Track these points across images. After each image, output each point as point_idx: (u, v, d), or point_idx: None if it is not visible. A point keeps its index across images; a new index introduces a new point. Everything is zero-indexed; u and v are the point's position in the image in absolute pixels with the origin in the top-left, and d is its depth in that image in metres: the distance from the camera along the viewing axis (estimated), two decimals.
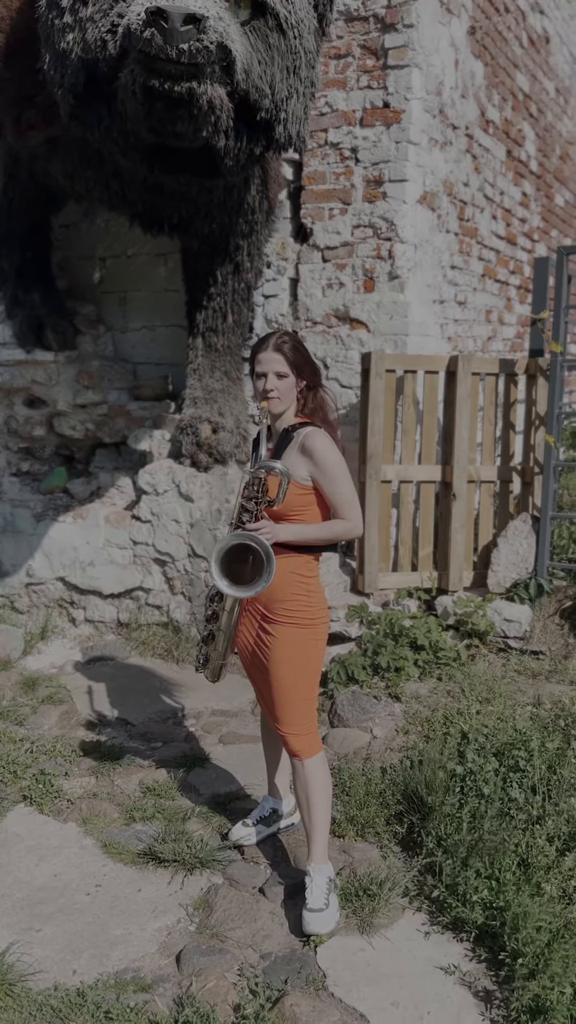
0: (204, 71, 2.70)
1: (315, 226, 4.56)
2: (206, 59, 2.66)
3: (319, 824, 2.54)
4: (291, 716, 2.56)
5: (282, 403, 2.53)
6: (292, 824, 2.94)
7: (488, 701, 3.71)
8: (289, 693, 2.56)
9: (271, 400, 2.50)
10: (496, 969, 2.28)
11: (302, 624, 2.53)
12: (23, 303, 4.80)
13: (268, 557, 2.33)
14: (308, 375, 2.54)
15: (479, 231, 5.31)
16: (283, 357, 2.49)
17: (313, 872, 2.50)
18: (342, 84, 4.41)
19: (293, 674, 2.55)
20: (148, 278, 5.17)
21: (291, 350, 2.50)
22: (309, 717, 2.57)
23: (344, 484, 2.50)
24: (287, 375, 2.49)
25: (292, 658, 2.55)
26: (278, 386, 2.49)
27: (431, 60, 4.36)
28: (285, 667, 2.55)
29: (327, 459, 2.47)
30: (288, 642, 2.55)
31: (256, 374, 2.53)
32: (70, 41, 2.97)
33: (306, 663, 2.57)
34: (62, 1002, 2.18)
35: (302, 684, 2.56)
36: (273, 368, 2.48)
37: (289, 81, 3.12)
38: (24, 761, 3.43)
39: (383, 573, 4.34)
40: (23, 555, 4.98)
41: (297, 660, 2.55)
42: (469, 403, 4.28)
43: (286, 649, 2.55)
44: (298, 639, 2.55)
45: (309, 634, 2.55)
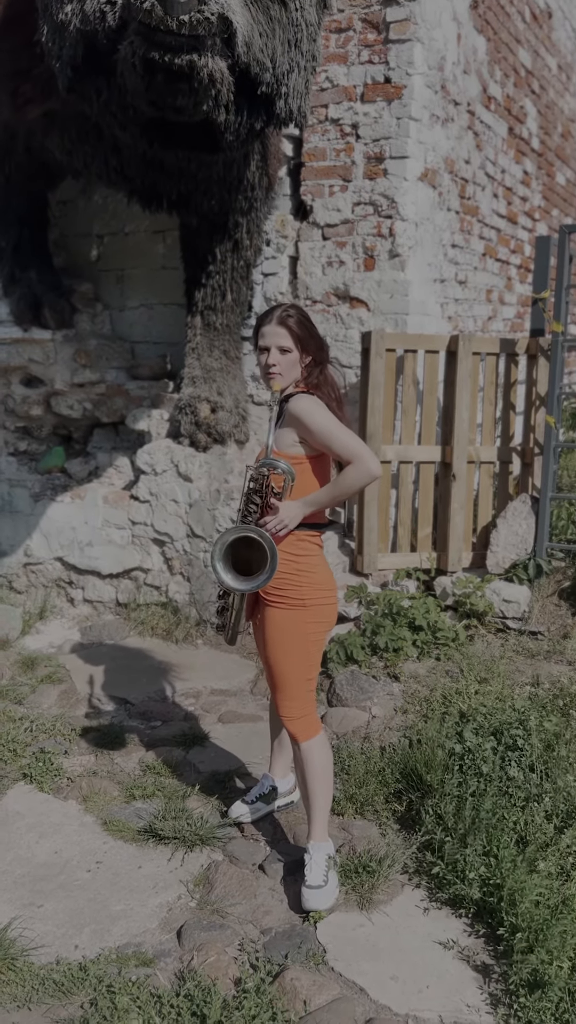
0: (205, 43, 2.66)
1: (315, 203, 4.52)
2: (207, 31, 2.61)
3: (318, 803, 2.54)
4: (286, 698, 2.53)
5: (284, 379, 2.44)
6: (292, 802, 2.95)
7: (486, 681, 3.72)
8: (282, 675, 2.52)
9: (272, 376, 2.43)
10: (494, 944, 2.30)
11: (291, 605, 2.46)
12: (20, 281, 4.76)
13: (272, 553, 2.29)
14: (313, 350, 2.46)
15: (480, 209, 5.27)
16: (287, 331, 2.41)
17: (312, 849, 2.51)
18: (343, 58, 4.36)
19: (284, 656, 2.50)
20: (146, 256, 5.13)
21: (296, 324, 2.42)
22: (305, 700, 2.54)
23: (339, 434, 2.38)
24: (290, 350, 2.41)
25: (281, 640, 2.49)
26: (280, 361, 2.41)
27: (433, 34, 4.31)
28: (275, 649, 2.51)
29: (312, 417, 2.38)
30: (276, 623, 2.49)
31: (259, 348, 2.46)
32: (68, 12, 2.92)
33: (296, 646, 2.49)
34: (64, 976, 2.20)
35: (293, 667, 2.50)
36: (276, 343, 2.41)
37: (290, 55, 3.08)
38: (24, 740, 3.43)
39: (382, 554, 4.34)
40: (21, 535, 4.97)
41: (286, 642, 2.49)
42: (469, 383, 4.27)
43: (274, 631, 2.49)
44: (287, 620, 2.48)
45: (298, 615, 2.47)
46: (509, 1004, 2.09)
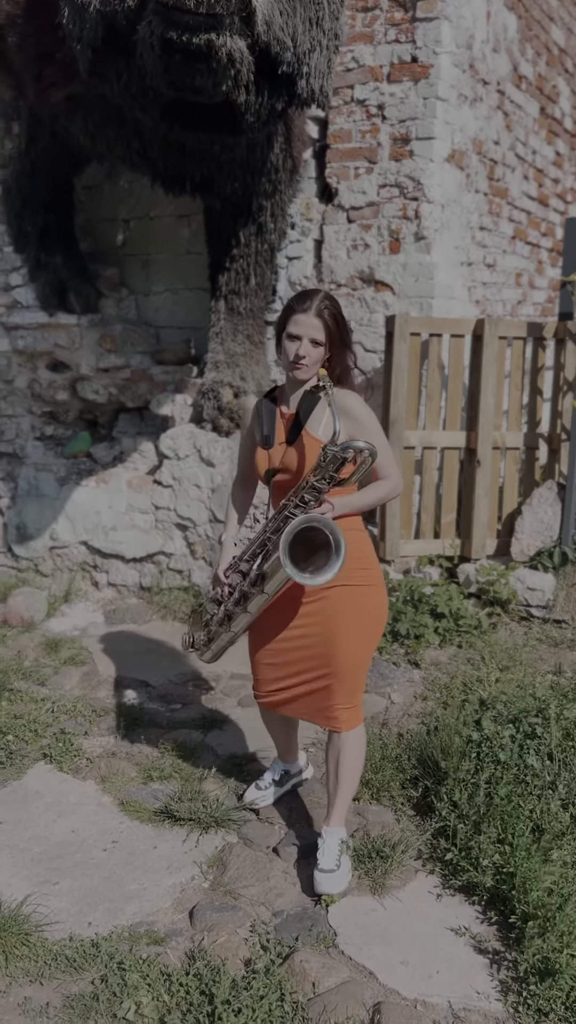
0: (223, 22, 2.64)
1: (340, 186, 4.48)
2: (225, 9, 2.59)
3: (346, 792, 2.54)
4: (350, 685, 2.48)
5: (309, 371, 2.37)
6: (304, 780, 2.96)
7: (508, 669, 3.69)
8: (355, 660, 2.47)
9: (300, 367, 2.34)
10: (506, 932, 2.28)
11: (380, 589, 2.51)
12: (45, 266, 4.78)
13: (338, 545, 2.23)
14: (340, 348, 2.38)
15: (510, 191, 5.18)
16: (323, 325, 2.31)
17: (326, 834, 2.51)
18: (369, 38, 4.30)
19: (366, 644, 2.49)
20: (171, 240, 5.12)
21: (332, 318, 2.32)
22: (362, 687, 2.55)
23: (384, 442, 2.39)
24: (322, 344, 2.32)
25: (371, 627, 2.49)
26: (311, 354, 2.32)
27: (461, 12, 4.24)
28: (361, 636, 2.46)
29: (365, 416, 2.37)
30: (372, 609, 2.48)
31: (289, 335, 2.33)
32: None
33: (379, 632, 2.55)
34: (77, 952, 2.22)
35: (367, 653, 2.52)
36: (310, 334, 2.31)
37: (312, 33, 3.04)
38: (45, 720, 3.47)
39: (404, 540, 4.31)
40: (47, 519, 5.01)
41: (376, 628, 2.52)
42: (495, 368, 4.21)
43: (368, 617, 2.47)
44: (381, 605, 2.53)
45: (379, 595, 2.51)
46: (519, 991, 2.07)
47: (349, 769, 2.51)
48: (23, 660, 4.06)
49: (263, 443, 2.45)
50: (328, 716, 2.50)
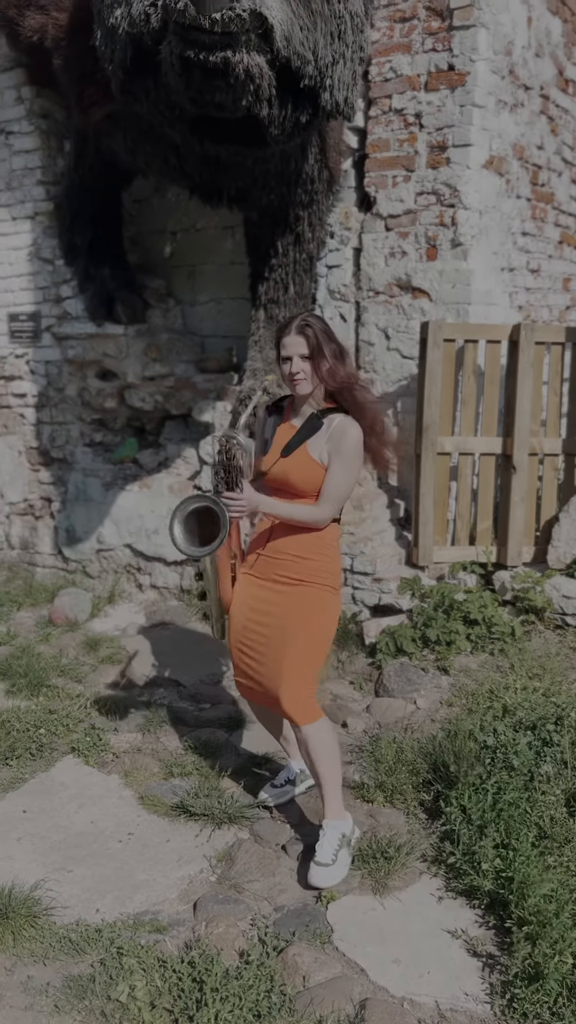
0: (239, 40, 2.72)
1: (378, 194, 4.51)
2: (240, 27, 2.67)
3: (327, 782, 2.59)
4: (295, 681, 2.57)
5: (308, 384, 2.54)
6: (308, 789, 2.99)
7: (538, 676, 3.65)
8: (300, 655, 2.57)
9: (297, 383, 2.53)
10: (503, 936, 2.28)
11: (331, 588, 2.62)
12: (94, 278, 4.95)
13: (224, 519, 2.41)
14: (325, 356, 2.51)
15: (556, 196, 5.13)
16: (305, 339, 2.49)
17: (326, 827, 2.55)
18: (407, 48, 4.33)
19: (314, 639, 2.60)
20: (216, 251, 5.24)
21: (314, 333, 2.50)
22: (312, 683, 2.61)
23: (345, 480, 2.52)
24: (309, 357, 2.50)
25: (319, 621, 2.60)
26: (303, 368, 2.50)
27: (499, 19, 4.23)
28: (309, 630, 2.58)
29: (350, 450, 2.51)
30: (319, 605, 2.60)
31: (282, 358, 2.55)
32: (118, 16, 3.03)
33: (329, 628, 2.65)
34: (80, 936, 2.31)
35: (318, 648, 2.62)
36: (297, 351, 2.50)
37: (334, 46, 3.10)
38: (77, 715, 3.59)
39: (439, 547, 4.30)
40: (94, 522, 5.17)
41: (325, 624, 2.62)
42: (532, 373, 4.18)
43: (317, 612, 2.59)
44: (329, 602, 2.62)
45: (334, 599, 2.62)
46: (506, 995, 2.07)
47: (319, 760, 2.57)
48: (63, 658, 4.21)
49: (262, 449, 2.64)
50: (281, 710, 2.60)
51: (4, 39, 4.81)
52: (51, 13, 4.06)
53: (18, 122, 5.13)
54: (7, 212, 5.32)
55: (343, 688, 3.87)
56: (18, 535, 5.62)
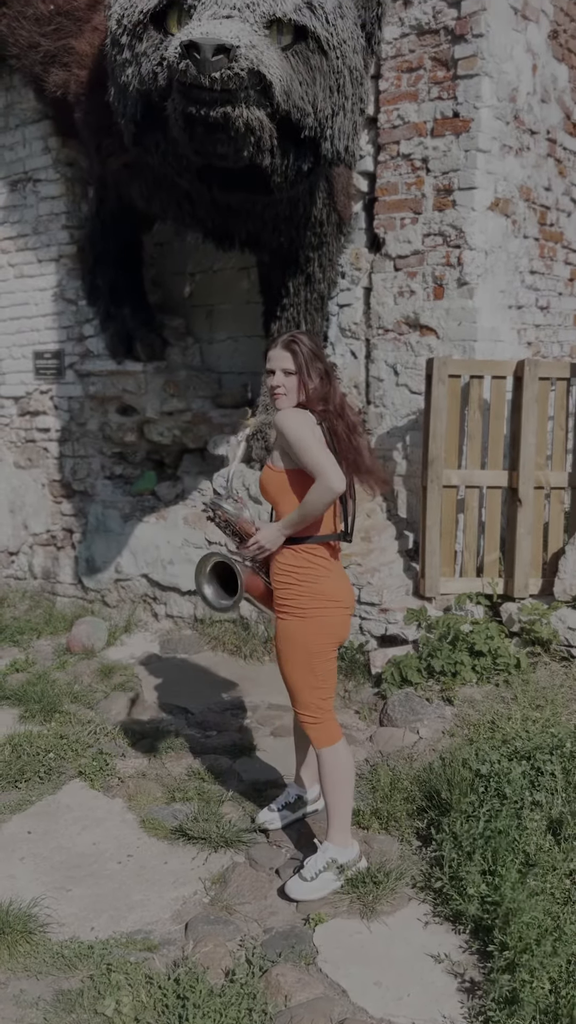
0: (238, 96, 2.87)
1: (387, 236, 4.65)
2: (238, 85, 2.83)
3: (336, 808, 2.66)
4: (299, 705, 2.69)
5: (288, 399, 2.60)
6: (316, 810, 3.04)
7: (540, 708, 3.68)
8: (290, 684, 2.68)
9: (278, 397, 2.61)
10: (486, 961, 2.31)
11: (291, 615, 2.61)
12: (114, 317, 5.13)
13: (239, 577, 2.59)
14: (316, 375, 2.57)
15: (564, 235, 5.23)
16: (291, 355, 2.57)
17: (320, 848, 2.62)
18: (414, 96, 4.49)
19: (287, 666, 2.66)
20: (233, 291, 5.41)
21: (299, 349, 2.56)
22: (318, 707, 2.65)
23: (310, 446, 2.47)
24: (293, 372, 2.57)
25: (284, 649, 2.65)
26: (285, 383, 2.58)
27: (503, 68, 4.37)
28: (280, 659, 2.68)
29: (289, 429, 2.50)
30: (280, 634, 2.66)
31: (266, 372, 2.64)
32: (129, 75, 3.23)
33: (298, 655, 2.62)
34: (73, 952, 2.39)
35: (298, 676, 2.64)
36: (280, 365, 2.57)
37: (334, 99, 3.25)
38: (86, 741, 3.69)
39: (445, 578, 4.36)
40: (113, 553, 5.31)
41: (288, 652, 2.63)
42: (536, 408, 4.25)
43: (279, 641, 2.67)
44: (289, 631, 2.62)
45: (299, 626, 2.60)
46: (484, 1019, 2.10)
47: (330, 784, 2.63)
48: (77, 684, 4.31)
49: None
50: (303, 728, 2.69)
51: (32, 93, 5.07)
52: (73, 70, 4.29)
53: (45, 170, 5.38)
54: (33, 255, 5.56)
55: (349, 717, 3.93)
56: (40, 565, 5.78)
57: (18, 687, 4.25)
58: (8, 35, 4.67)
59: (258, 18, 2.98)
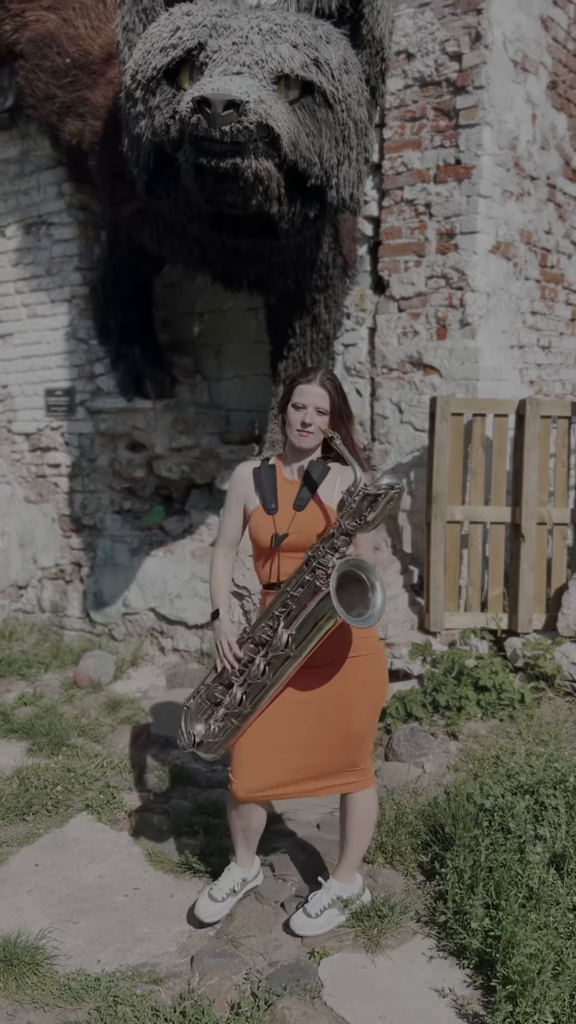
0: (247, 148, 2.99)
1: (391, 278, 4.77)
2: (247, 138, 2.95)
3: (359, 849, 2.69)
4: (365, 750, 2.61)
5: (315, 439, 2.50)
6: (255, 887, 2.84)
7: (544, 743, 3.70)
8: (370, 726, 2.60)
9: (307, 435, 2.48)
10: (489, 996, 2.32)
11: (377, 651, 2.60)
12: (125, 356, 5.25)
13: (374, 585, 2.33)
14: (340, 420, 2.50)
15: (566, 277, 5.35)
16: (327, 394, 2.47)
17: (327, 884, 2.65)
18: (417, 144, 4.63)
19: (372, 711, 2.60)
20: (241, 331, 5.52)
21: (335, 390, 2.49)
22: (372, 748, 2.69)
23: None
24: (326, 413, 2.47)
25: (372, 694, 2.57)
26: (316, 421, 2.46)
27: (503, 117, 4.52)
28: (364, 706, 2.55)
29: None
30: (369, 674, 2.56)
31: (295, 405, 2.48)
32: (142, 127, 3.36)
33: (381, 697, 2.64)
34: (80, 985, 2.41)
35: (374, 721, 2.64)
36: (315, 403, 2.46)
37: (339, 149, 3.37)
38: (94, 774, 3.72)
39: (450, 613, 4.41)
40: (120, 587, 5.37)
41: (376, 695, 2.60)
42: (538, 446, 4.32)
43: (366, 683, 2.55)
44: (380, 668, 2.61)
45: (382, 662, 2.64)
46: None
47: (366, 827, 2.65)
48: (84, 718, 4.35)
49: (266, 509, 2.53)
50: (346, 781, 2.61)
51: (47, 141, 5.24)
52: (87, 120, 4.45)
53: (58, 214, 5.54)
54: (47, 295, 5.69)
55: None
56: (49, 599, 5.84)
57: (26, 720, 4.29)
58: (26, 86, 4.84)
59: (267, 74, 3.11)
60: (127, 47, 3.49)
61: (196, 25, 3.21)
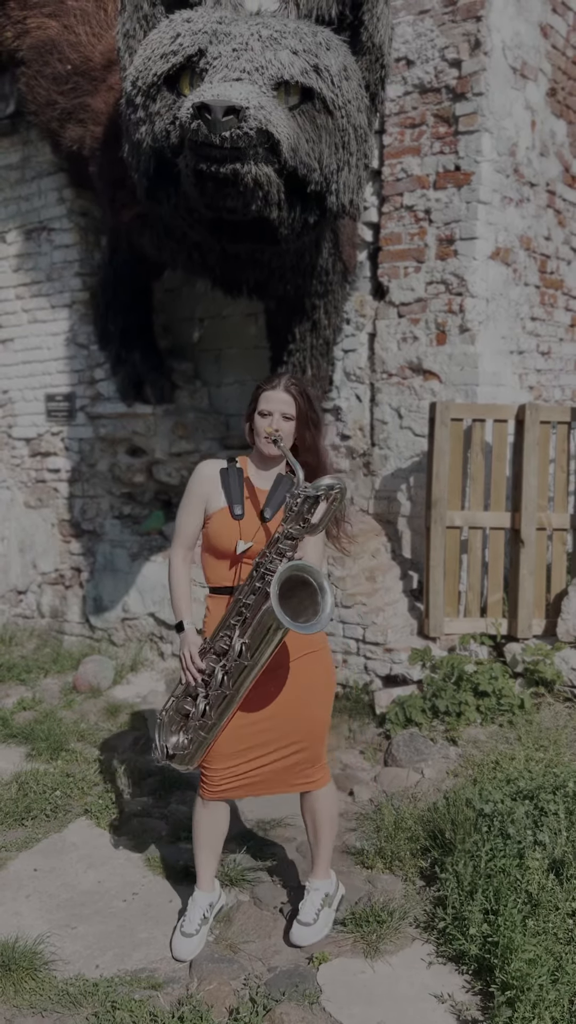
0: (247, 153, 3.00)
1: (391, 284, 4.78)
2: (247, 143, 2.96)
3: (328, 843, 2.69)
4: (322, 747, 2.64)
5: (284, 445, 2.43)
6: (222, 907, 2.79)
7: (544, 748, 3.70)
8: (324, 724, 2.62)
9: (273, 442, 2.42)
10: (488, 1001, 2.31)
11: (325, 648, 2.64)
12: (125, 362, 5.26)
13: (323, 588, 2.27)
14: (306, 425, 2.45)
15: (565, 283, 5.36)
16: (293, 400, 2.43)
17: (310, 887, 2.65)
18: (416, 151, 4.65)
19: (325, 707, 2.63)
20: (241, 336, 5.53)
21: (300, 395, 2.44)
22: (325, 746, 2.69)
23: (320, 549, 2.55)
24: (292, 418, 2.44)
25: (324, 690, 2.60)
26: (283, 428, 2.42)
27: (502, 124, 4.53)
28: (319, 702, 2.58)
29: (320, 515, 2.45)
30: (320, 671, 2.58)
31: (260, 412, 2.44)
32: (142, 133, 3.37)
33: (331, 693, 2.66)
34: (78, 990, 2.40)
35: (327, 715, 2.65)
36: (281, 409, 2.42)
37: (338, 155, 3.38)
38: (93, 779, 3.72)
39: (449, 618, 4.40)
40: (120, 592, 5.37)
41: (327, 692, 2.62)
42: (538, 451, 4.33)
43: (318, 678, 2.58)
44: (328, 665, 2.64)
45: (329, 659, 2.66)
46: None
47: (329, 820, 2.65)
48: (83, 723, 4.35)
49: (233, 513, 2.44)
50: (306, 780, 2.62)
51: (48, 147, 5.26)
52: (88, 126, 4.47)
53: (59, 220, 5.55)
54: (47, 301, 5.71)
55: (353, 757, 3.95)
56: (48, 604, 5.84)
57: (25, 725, 4.28)
58: (27, 93, 4.86)
59: (267, 80, 3.12)
60: (128, 53, 3.50)
61: (197, 32, 3.22)
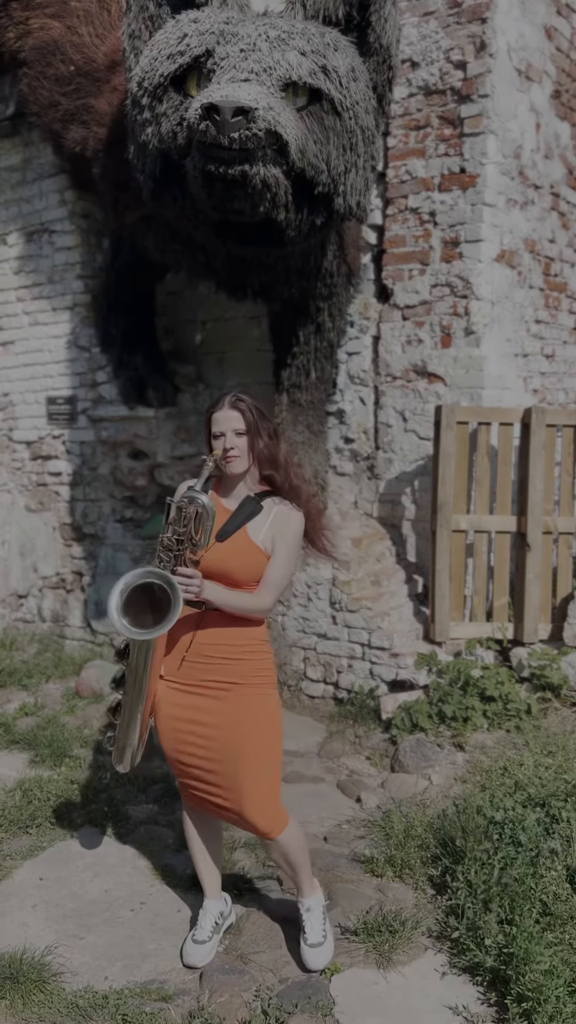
0: (255, 155, 2.98)
1: (395, 286, 4.76)
2: (256, 144, 2.93)
3: (303, 870, 2.54)
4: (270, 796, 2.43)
5: (242, 463, 2.40)
6: (230, 925, 2.74)
7: (552, 754, 3.67)
8: (270, 764, 2.43)
9: (231, 460, 2.38)
10: (503, 1013, 2.28)
11: (271, 683, 2.48)
12: (127, 364, 5.23)
13: (175, 599, 2.17)
14: (259, 434, 2.41)
15: (568, 286, 5.34)
16: (240, 415, 2.40)
17: (304, 906, 2.56)
18: (421, 153, 4.63)
19: (269, 751, 2.43)
20: (244, 339, 5.51)
21: (248, 409, 2.41)
22: (276, 792, 2.47)
23: (288, 568, 2.41)
24: (243, 432, 2.39)
25: (268, 732, 2.42)
26: (238, 444, 2.38)
27: (507, 126, 4.51)
28: (258, 744, 2.40)
29: (295, 537, 2.41)
30: (265, 710, 2.44)
31: (214, 435, 2.41)
32: (149, 134, 3.34)
33: (278, 736, 2.48)
34: (88, 1002, 2.36)
35: (274, 762, 2.46)
36: (231, 426, 2.38)
37: (346, 157, 3.36)
38: (97, 787, 3.68)
39: (455, 623, 4.38)
40: None
41: (272, 734, 2.44)
42: (544, 454, 4.31)
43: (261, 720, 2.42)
44: (275, 704, 2.47)
45: (275, 698, 2.50)
46: None
47: (296, 859, 2.50)
48: (86, 729, 4.31)
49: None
50: (250, 827, 2.46)
51: (50, 148, 5.23)
52: (91, 128, 4.44)
53: (61, 222, 5.52)
54: (48, 303, 5.67)
55: (359, 763, 3.92)
56: (50, 608, 5.80)
57: (28, 731, 4.25)
58: (29, 94, 4.83)
59: (275, 81, 3.10)
60: (133, 54, 3.48)
61: (204, 32, 3.20)
